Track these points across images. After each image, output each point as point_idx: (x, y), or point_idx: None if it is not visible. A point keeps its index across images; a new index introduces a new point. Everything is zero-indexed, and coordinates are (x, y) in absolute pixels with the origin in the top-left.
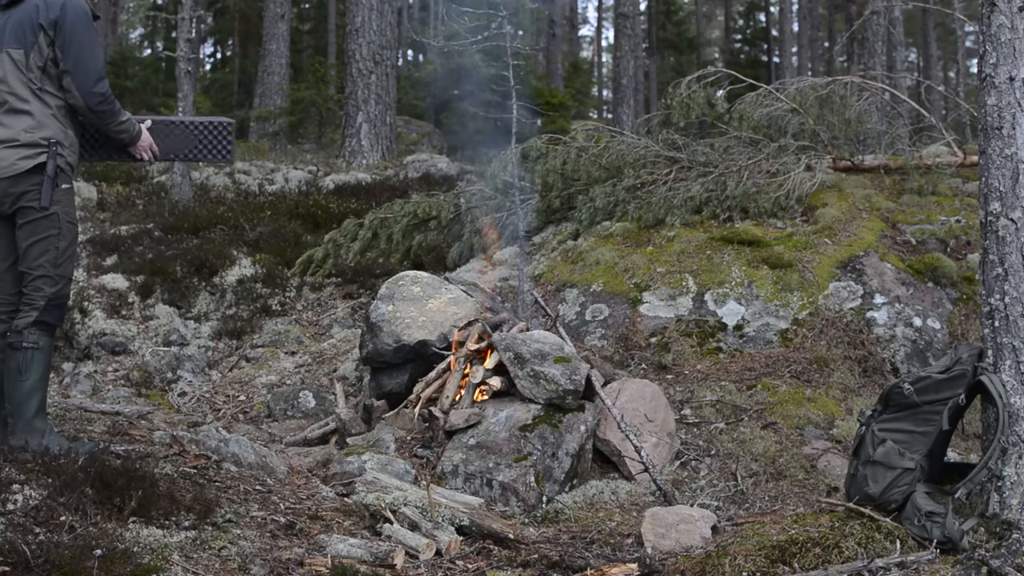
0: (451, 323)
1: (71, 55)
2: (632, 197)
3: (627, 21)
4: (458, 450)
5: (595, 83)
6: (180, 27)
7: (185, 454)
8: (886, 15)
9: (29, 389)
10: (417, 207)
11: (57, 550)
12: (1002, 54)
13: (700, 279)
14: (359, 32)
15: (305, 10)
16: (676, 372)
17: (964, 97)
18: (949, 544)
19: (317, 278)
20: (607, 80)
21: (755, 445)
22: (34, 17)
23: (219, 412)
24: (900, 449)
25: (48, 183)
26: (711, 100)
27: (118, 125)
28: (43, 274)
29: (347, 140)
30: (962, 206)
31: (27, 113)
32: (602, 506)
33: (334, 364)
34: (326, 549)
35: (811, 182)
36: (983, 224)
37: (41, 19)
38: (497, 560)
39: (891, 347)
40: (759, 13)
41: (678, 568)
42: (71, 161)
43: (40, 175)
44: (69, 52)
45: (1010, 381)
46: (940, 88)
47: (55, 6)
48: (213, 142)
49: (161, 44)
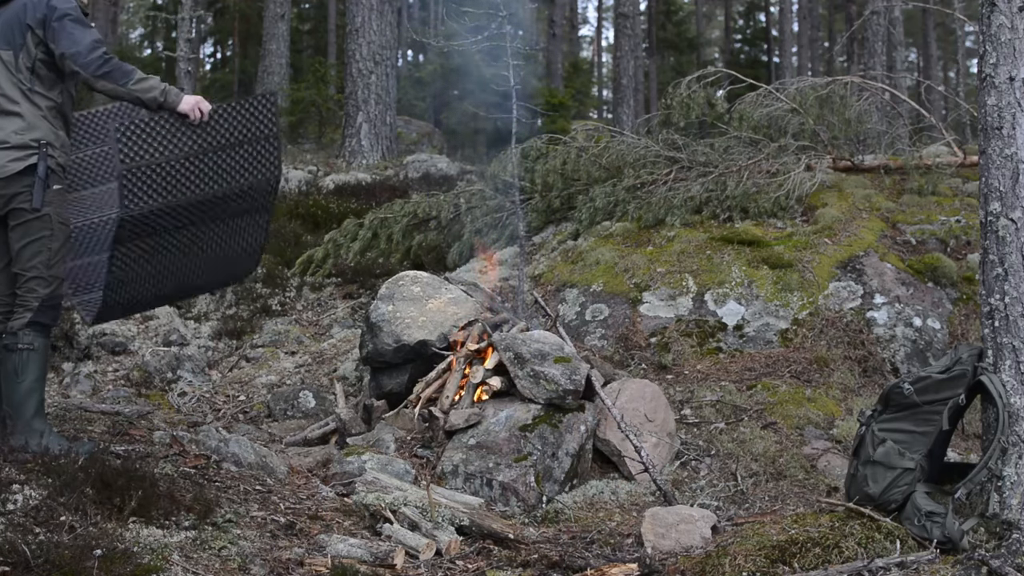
0: (451, 323)
1: (63, 38)
2: (632, 197)
3: (627, 21)
4: (458, 450)
5: (595, 83)
6: (180, 27)
7: (185, 454)
8: (886, 15)
9: (27, 390)
10: (417, 207)
11: (57, 550)
12: (1002, 54)
13: (700, 279)
14: (359, 32)
15: (305, 10)
16: (676, 372)
17: (964, 97)
18: (949, 544)
19: (317, 278)
20: (607, 80)
21: (755, 445)
22: (22, 17)
23: (219, 412)
24: (900, 449)
25: (39, 184)
26: (711, 100)
27: (136, 84)
28: (36, 275)
29: (347, 140)
30: (962, 206)
31: (17, 115)
32: (602, 506)
33: (334, 364)
34: (326, 549)
35: (811, 182)
36: (983, 224)
37: (28, 19)
38: (497, 560)
39: (891, 347)
40: (759, 13)
41: (678, 568)
42: (62, 162)
43: (31, 176)
44: (61, 37)
45: (1010, 381)
46: (940, 88)
47: (41, 5)
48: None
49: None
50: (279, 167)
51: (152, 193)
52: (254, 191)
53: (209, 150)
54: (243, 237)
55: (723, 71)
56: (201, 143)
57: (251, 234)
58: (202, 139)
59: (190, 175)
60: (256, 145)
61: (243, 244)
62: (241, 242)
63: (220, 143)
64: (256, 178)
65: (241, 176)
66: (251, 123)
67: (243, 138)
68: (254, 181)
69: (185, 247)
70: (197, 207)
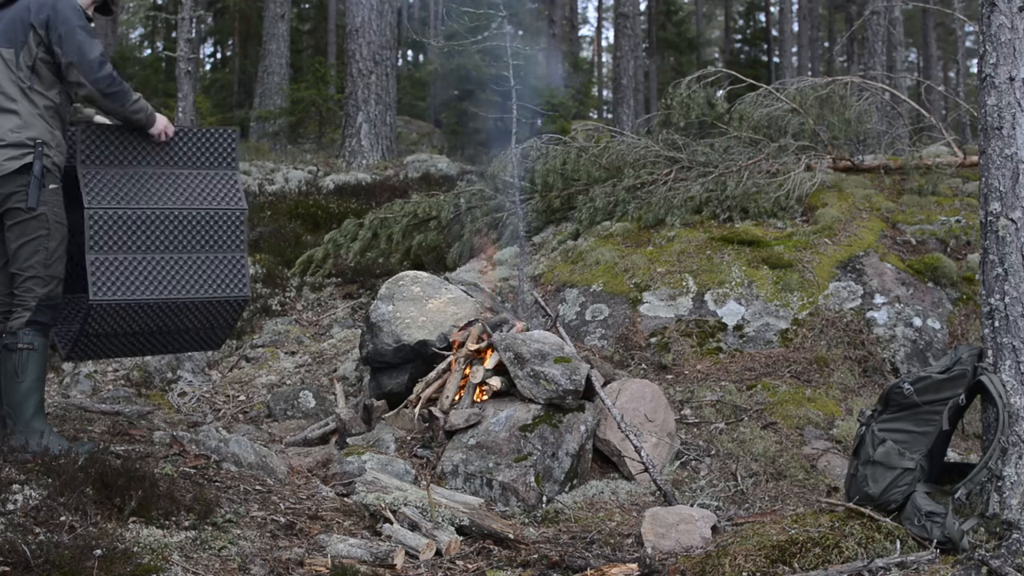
0: (451, 323)
1: (71, 48)
2: (632, 197)
3: (627, 21)
4: (458, 450)
5: (595, 83)
6: (180, 27)
7: (185, 454)
8: (886, 15)
9: (26, 390)
10: (417, 207)
11: (57, 550)
12: (1002, 54)
13: (700, 279)
14: (359, 32)
15: (305, 10)
16: (676, 372)
17: (964, 97)
18: (949, 544)
19: (317, 278)
20: (607, 80)
21: (755, 445)
22: (25, 17)
23: (219, 412)
24: (900, 449)
25: (35, 184)
26: (711, 100)
27: (132, 105)
28: (34, 275)
29: (347, 140)
30: (962, 206)
31: (14, 112)
32: (602, 506)
33: (334, 364)
34: (326, 549)
35: (811, 182)
36: (983, 224)
37: (32, 19)
38: (497, 560)
39: (891, 347)
40: (759, 13)
41: (678, 568)
42: (58, 162)
43: (27, 176)
44: (67, 44)
45: (1010, 381)
46: (940, 88)
47: (46, 6)
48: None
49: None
50: (242, 199)
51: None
52: (218, 219)
53: (165, 164)
54: (218, 275)
55: (723, 71)
56: (159, 157)
57: (227, 275)
58: (160, 154)
59: (149, 187)
60: (214, 171)
61: (220, 282)
62: (217, 280)
63: (176, 160)
64: (216, 205)
65: (200, 198)
66: (210, 149)
67: (201, 161)
68: (215, 207)
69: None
70: (161, 219)
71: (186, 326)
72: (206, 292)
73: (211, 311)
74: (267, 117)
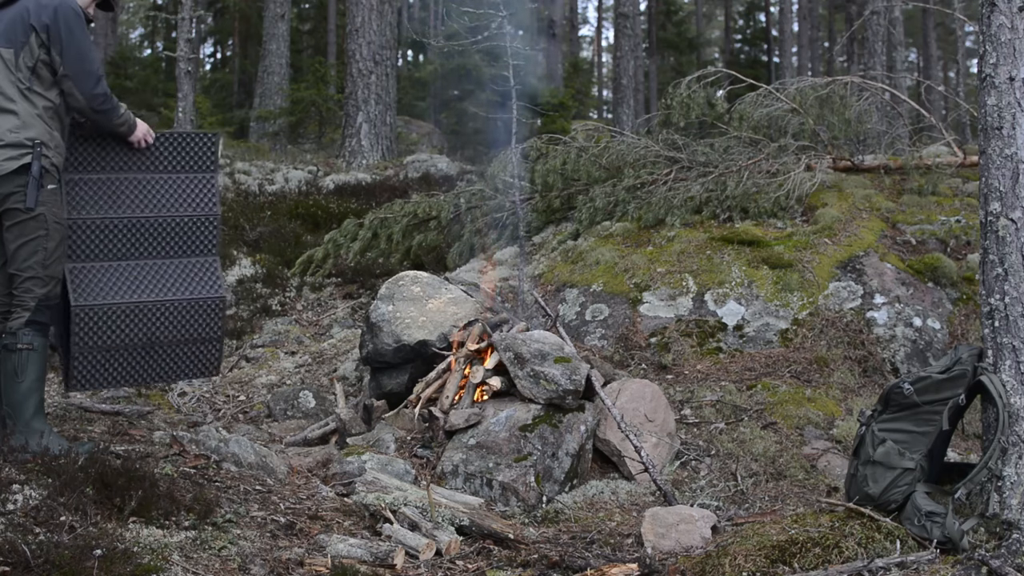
0: (451, 323)
1: (69, 59)
2: (632, 197)
3: (627, 21)
4: (458, 450)
5: (595, 83)
6: (180, 27)
7: (185, 454)
8: (886, 15)
9: (26, 390)
10: (417, 207)
11: (57, 550)
12: (1002, 54)
13: (700, 279)
14: (359, 32)
15: (305, 10)
16: (676, 372)
17: (964, 97)
18: (949, 544)
19: (317, 278)
20: (607, 80)
21: (755, 445)
22: (25, 18)
23: (219, 412)
24: (900, 449)
25: (33, 184)
26: (711, 100)
27: (118, 119)
28: (32, 275)
29: (347, 140)
30: (962, 206)
31: (12, 113)
32: (602, 506)
33: (334, 364)
34: (326, 549)
35: (811, 182)
36: (983, 224)
37: (33, 20)
38: (497, 560)
39: (891, 347)
40: (759, 13)
41: (678, 568)
42: (56, 162)
43: (25, 176)
44: (67, 56)
45: (1010, 381)
46: (940, 88)
47: (48, 9)
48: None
49: (161, 44)
50: (216, 204)
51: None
52: (191, 224)
53: (143, 169)
54: (192, 278)
55: (723, 71)
56: (137, 163)
57: (201, 278)
58: (138, 159)
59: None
60: (191, 175)
61: (194, 284)
62: (191, 282)
63: (154, 165)
64: (190, 211)
65: (174, 205)
66: (189, 154)
67: (179, 165)
68: (188, 213)
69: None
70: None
71: (171, 337)
72: (181, 294)
73: (189, 314)
74: (267, 117)
